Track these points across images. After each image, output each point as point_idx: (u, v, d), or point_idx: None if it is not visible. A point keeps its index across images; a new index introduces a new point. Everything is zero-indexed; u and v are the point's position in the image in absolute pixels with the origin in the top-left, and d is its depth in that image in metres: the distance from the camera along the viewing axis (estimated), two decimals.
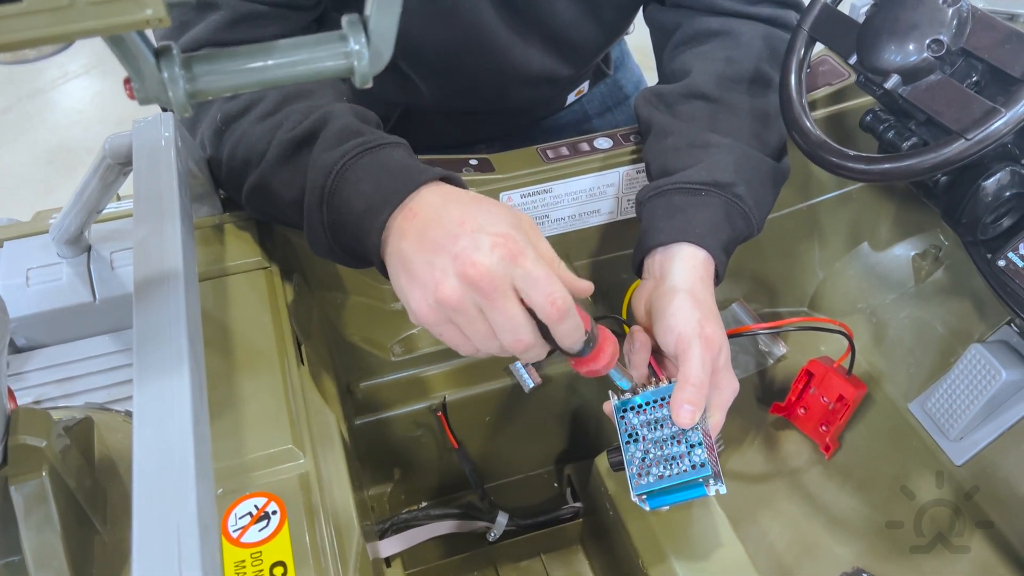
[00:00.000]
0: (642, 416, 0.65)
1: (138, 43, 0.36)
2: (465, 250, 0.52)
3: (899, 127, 0.72)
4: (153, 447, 0.37)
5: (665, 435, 0.64)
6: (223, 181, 0.71)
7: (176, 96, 0.37)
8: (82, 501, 0.58)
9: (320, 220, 0.62)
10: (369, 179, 0.59)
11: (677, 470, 0.62)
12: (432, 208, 0.56)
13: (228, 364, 0.62)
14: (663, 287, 0.68)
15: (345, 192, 0.60)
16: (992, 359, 0.87)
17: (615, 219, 0.94)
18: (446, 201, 0.56)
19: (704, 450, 0.62)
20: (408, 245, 0.55)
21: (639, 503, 0.64)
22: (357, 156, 0.60)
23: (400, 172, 0.59)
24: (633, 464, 0.64)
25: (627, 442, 0.65)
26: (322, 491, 0.56)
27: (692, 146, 0.76)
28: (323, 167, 0.60)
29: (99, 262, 0.73)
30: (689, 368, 0.62)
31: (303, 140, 0.63)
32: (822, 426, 0.94)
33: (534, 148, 0.91)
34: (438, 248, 0.53)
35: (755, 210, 0.74)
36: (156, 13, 0.33)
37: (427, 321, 0.55)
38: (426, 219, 0.55)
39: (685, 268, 0.69)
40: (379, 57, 0.39)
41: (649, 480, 0.63)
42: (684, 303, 0.65)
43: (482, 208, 0.55)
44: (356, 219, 0.59)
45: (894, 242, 1.03)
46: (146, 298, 0.43)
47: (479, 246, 0.52)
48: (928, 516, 0.89)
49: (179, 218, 0.48)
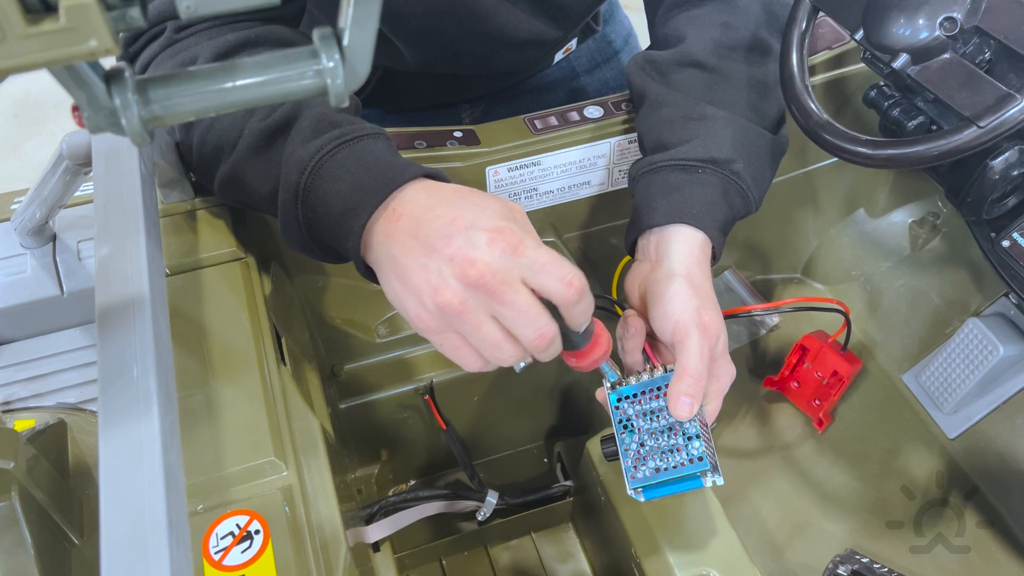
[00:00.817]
0: (637, 406, 0.63)
1: (84, 67, 0.32)
2: (461, 249, 0.48)
3: (905, 104, 0.68)
4: (121, 508, 0.34)
5: (661, 425, 0.62)
6: (194, 168, 0.67)
7: (130, 124, 0.34)
8: (56, 515, 0.56)
9: (295, 218, 0.58)
10: (346, 177, 0.55)
11: (674, 463, 0.61)
12: (417, 207, 0.52)
13: (204, 368, 0.59)
14: (659, 271, 0.65)
15: (321, 190, 0.56)
16: (990, 334, 0.86)
17: (606, 190, 0.91)
18: (431, 198, 0.52)
19: (702, 443, 0.60)
20: (398, 249, 0.51)
21: (634, 495, 0.63)
22: (333, 151, 0.56)
23: (380, 169, 0.55)
24: (628, 456, 0.63)
25: (622, 432, 0.63)
26: (307, 506, 0.54)
27: (688, 119, 0.72)
28: (297, 163, 0.57)
29: (65, 252, 0.69)
30: (687, 359, 0.60)
31: (277, 129, 0.59)
32: (815, 400, 0.92)
33: (521, 118, 0.87)
34: (430, 250, 0.49)
35: (753, 187, 0.71)
36: (102, 44, 0.29)
37: (427, 328, 0.51)
38: (413, 219, 0.52)
39: (682, 251, 0.66)
40: (355, 75, 0.35)
41: (646, 473, 0.62)
42: (681, 289, 0.63)
43: (471, 202, 0.51)
44: (334, 220, 0.55)
45: (891, 209, 1.00)
46: (109, 330, 0.40)
47: (475, 243, 0.48)
48: (920, 492, 0.88)
49: (143, 232, 0.45)
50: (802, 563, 0.83)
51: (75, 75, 0.32)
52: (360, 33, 0.34)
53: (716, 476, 0.61)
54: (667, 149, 0.71)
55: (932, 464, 0.90)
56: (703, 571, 0.67)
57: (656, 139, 0.74)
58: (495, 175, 0.85)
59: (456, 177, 0.84)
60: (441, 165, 0.83)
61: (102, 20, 0.29)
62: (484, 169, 0.84)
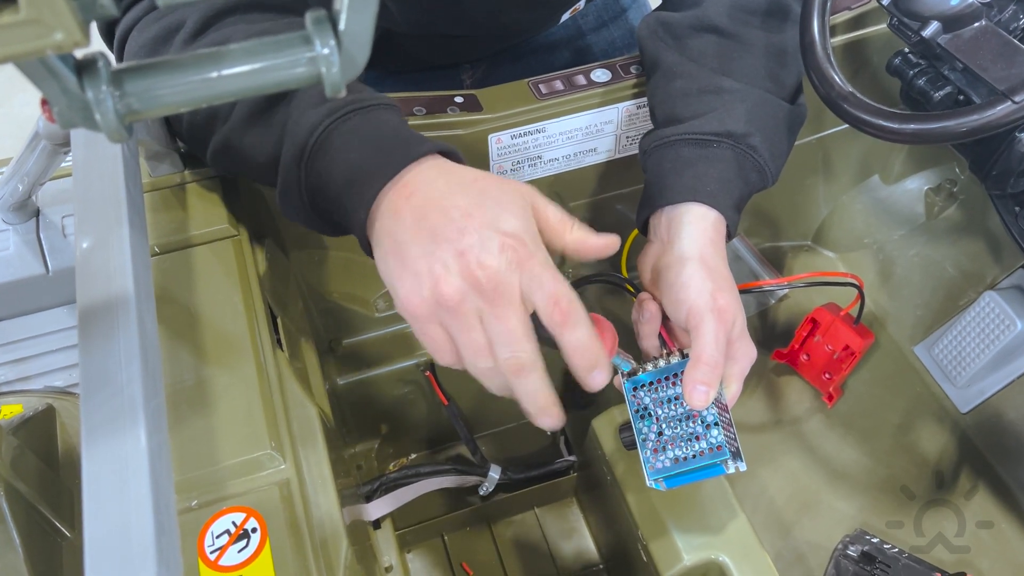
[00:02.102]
0: (654, 394, 0.61)
1: (52, 58, 0.29)
2: (472, 248, 0.46)
3: (932, 73, 0.65)
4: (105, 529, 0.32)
5: (679, 413, 0.60)
6: (185, 138, 0.64)
7: (105, 120, 0.31)
8: (44, 509, 0.54)
9: (297, 181, 0.54)
10: (357, 145, 0.52)
11: (693, 452, 0.59)
12: (432, 188, 0.49)
13: (196, 356, 0.56)
14: (672, 253, 0.63)
15: (330, 155, 0.52)
16: (1008, 308, 0.83)
17: (613, 158, 0.88)
18: (449, 183, 0.50)
19: (720, 430, 0.58)
20: (403, 229, 0.49)
21: (656, 486, 0.61)
22: (345, 116, 0.53)
23: (394, 141, 0.52)
24: (647, 447, 0.61)
25: (639, 422, 0.61)
26: (305, 500, 0.52)
27: (703, 91, 0.69)
28: (307, 125, 0.53)
29: (50, 229, 0.66)
30: (702, 346, 0.57)
31: (277, 95, 0.56)
32: (825, 374, 0.90)
33: (525, 82, 0.83)
34: (440, 239, 0.47)
35: (770, 162, 0.68)
36: (69, 37, 0.26)
37: (415, 314, 0.49)
38: (425, 199, 0.49)
39: (695, 231, 0.63)
40: (352, 63, 0.32)
41: (664, 464, 0.60)
42: (695, 273, 0.60)
43: (490, 197, 0.49)
44: (339, 189, 0.52)
45: (907, 175, 0.97)
46: (91, 332, 0.38)
47: (488, 247, 0.46)
48: (931, 468, 0.87)
49: (127, 224, 0.42)
50: (810, 541, 0.81)
51: (43, 66, 0.29)
52: (357, 17, 0.31)
53: (739, 463, 0.59)
54: (680, 122, 0.68)
55: (944, 439, 0.88)
56: (712, 555, 0.66)
57: (669, 111, 0.70)
58: (498, 142, 0.82)
59: (457, 144, 0.80)
60: (442, 132, 0.79)
61: (67, 10, 0.25)
62: (487, 136, 0.81)
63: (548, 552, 0.85)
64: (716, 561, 0.66)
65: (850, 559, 0.72)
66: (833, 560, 0.72)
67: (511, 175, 0.85)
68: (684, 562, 0.65)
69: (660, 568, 0.66)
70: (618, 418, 0.74)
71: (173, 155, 0.66)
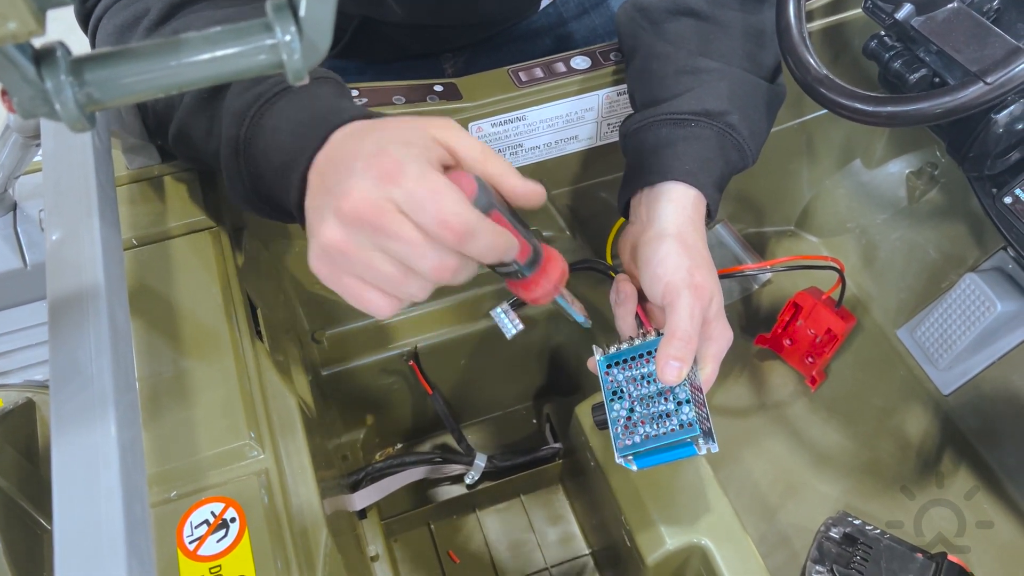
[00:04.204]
0: (628, 371, 0.61)
1: (9, 48, 0.29)
2: (339, 184, 0.43)
3: (907, 56, 0.65)
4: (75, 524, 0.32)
5: (652, 391, 0.59)
6: (150, 127, 0.64)
7: (65, 109, 0.30)
8: (24, 503, 0.54)
9: (239, 174, 0.53)
10: (285, 127, 0.50)
11: (664, 429, 0.58)
12: (334, 149, 0.47)
13: (174, 348, 0.56)
14: (650, 232, 0.63)
15: (262, 142, 0.51)
16: (987, 290, 0.84)
17: (594, 145, 0.88)
18: (348, 136, 0.47)
19: (692, 407, 0.58)
20: (309, 196, 0.47)
21: (624, 464, 0.61)
22: (273, 99, 0.51)
23: (319, 114, 0.49)
24: (618, 424, 0.60)
25: (611, 399, 0.61)
26: (284, 490, 0.52)
27: (681, 72, 0.69)
28: (236, 114, 0.52)
29: (27, 223, 0.66)
30: (676, 321, 0.57)
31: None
32: (808, 358, 0.91)
33: (505, 70, 0.83)
34: (325, 191, 0.45)
35: (749, 140, 0.67)
36: (24, 25, 0.26)
37: (322, 276, 0.46)
38: (327, 162, 0.47)
39: (675, 210, 0.63)
40: (314, 50, 0.32)
41: (635, 440, 0.59)
42: (672, 250, 0.60)
43: (378, 131, 0.46)
44: (274, 174, 0.50)
45: (888, 159, 0.97)
46: (61, 325, 0.37)
47: (352, 172, 0.43)
48: (914, 450, 0.87)
49: (97, 215, 0.42)
50: (795, 524, 0.82)
51: (1, 56, 0.29)
52: (318, 3, 0.31)
53: (711, 443, 0.58)
54: (658, 103, 0.68)
55: (927, 421, 0.89)
56: (694, 539, 0.66)
57: (648, 94, 0.70)
58: (478, 131, 0.82)
59: None
60: None
61: None
62: (467, 125, 0.81)
63: (534, 539, 0.85)
64: (699, 545, 0.66)
65: (832, 540, 0.73)
66: (816, 542, 0.73)
67: None
68: (667, 546, 0.66)
69: (643, 553, 0.66)
70: None
71: (150, 147, 0.66)
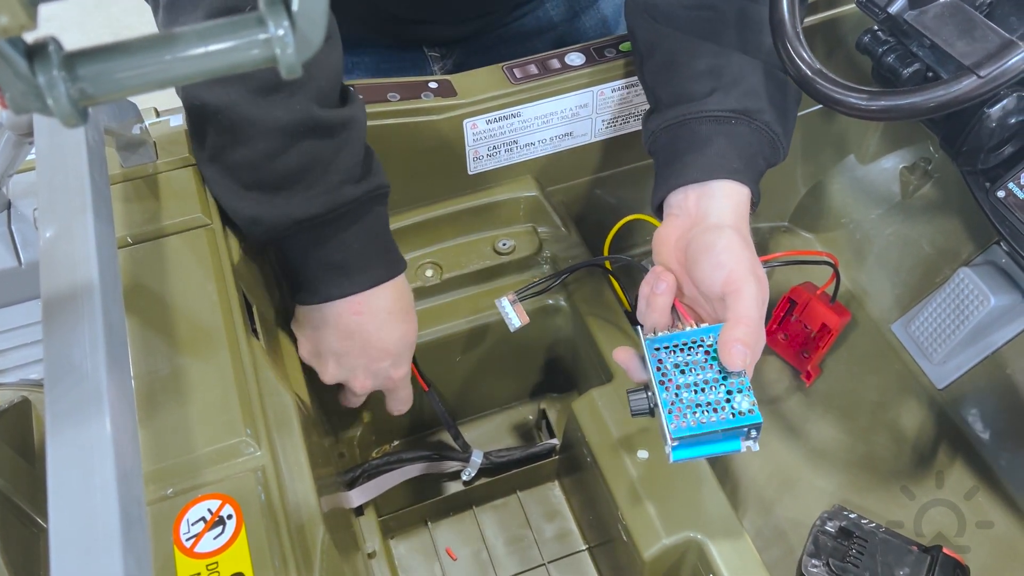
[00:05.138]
0: (675, 357, 0.59)
1: (1, 43, 0.29)
2: (370, 370, 0.74)
3: (901, 51, 0.65)
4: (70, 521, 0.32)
5: (698, 379, 0.57)
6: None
7: (58, 104, 0.30)
8: (20, 501, 0.54)
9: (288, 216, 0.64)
10: (356, 246, 0.68)
11: (716, 417, 0.56)
12: (372, 321, 0.70)
13: (170, 345, 0.56)
14: (706, 223, 0.62)
15: (341, 233, 0.67)
16: (981, 284, 0.84)
17: (589, 142, 0.88)
18: (383, 322, 0.71)
19: (751, 396, 0.56)
20: (346, 336, 0.70)
21: (670, 449, 0.57)
22: (366, 204, 0.67)
23: (373, 255, 0.69)
24: (669, 407, 0.57)
25: (660, 382, 0.58)
26: (281, 487, 0.52)
27: (711, 68, 0.67)
28: (343, 198, 0.65)
29: (21, 221, 0.66)
30: (743, 307, 0.56)
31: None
32: (803, 353, 0.91)
33: (500, 67, 0.83)
34: (360, 355, 0.72)
35: (783, 137, 0.67)
36: (15, 19, 0.26)
37: (326, 379, 0.73)
38: (363, 328, 0.70)
39: (728, 206, 0.63)
40: (307, 44, 0.32)
41: (688, 424, 0.56)
42: (735, 240, 0.59)
43: (398, 343, 0.73)
44: (317, 266, 0.67)
45: (882, 154, 0.98)
46: (55, 322, 0.37)
47: (377, 368, 0.74)
48: (909, 444, 0.88)
49: (91, 212, 0.42)
50: (790, 519, 0.82)
51: None
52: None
53: (757, 438, 0.57)
54: (691, 101, 0.67)
55: (921, 415, 0.89)
56: (690, 534, 0.66)
57: (677, 90, 0.68)
58: (473, 127, 0.82)
59: (432, 130, 0.81)
60: (417, 119, 0.79)
61: None
62: (462, 122, 0.81)
63: (531, 535, 0.85)
64: (695, 540, 0.66)
65: (828, 534, 0.73)
66: (812, 536, 0.73)
67: (487, 161, 0.85)
68: (663, 541, 0.66)
69: (640, 547, 0.67)
70: (597, 400, 0.75)
71: (146, 145, 0.66)
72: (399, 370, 0.74)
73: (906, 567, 0.71)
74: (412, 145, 0.80)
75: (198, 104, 0.62)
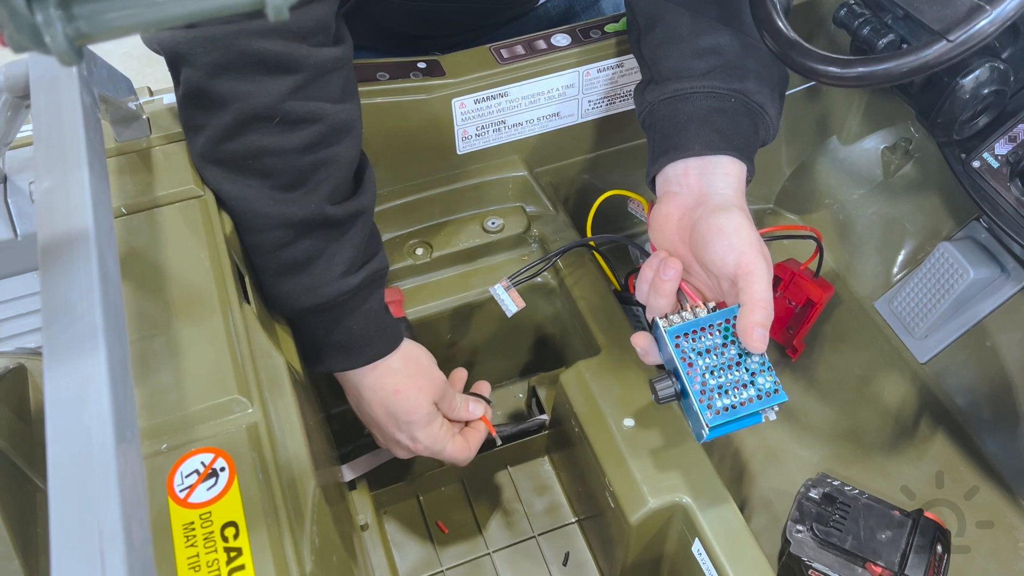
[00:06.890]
0: (694, 343, 0.60)
1: None
2: (412, 439, 0.75)
3: (875, 23, 0.67)
4: (67, 449, 0.33)
5: (719, 362, 0.59)
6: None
7: (55, 42, 0.32)
8: (18, 461, 0.55)
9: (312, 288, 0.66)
10: (361, 323, 0.70)
11: (743, 399, 0.59)
12: (393, 383, 0.73)
13: (164, 310, 0.58)
14: (711, 202, 0.62)
15: (357, 313, 0.69)
16: (960, 257, 0.86)
17: (575, 122, 0.89)
18: (405, 387, 0.73)
19: (773, 373, 0.59)
20: (378, 408, 0.74)
21: (704, 435, 0.60)
22: (367, 290, 0.70)
23: (381, 332, 0.71)
24: (697, 394, 0.59)
25: (687, 371, 0.60)
26: (273, 442, 0.53)
27: (712, 45, 0.69)
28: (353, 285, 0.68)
29: (17, 194, 0.67)
30: (758, 289, 0.58)
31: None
32: (788, 329, 0.92)
33: (487, 47, 0.85)
34: (399, 426, 0.74)
35: (774, 119, 0.69)
36: None
37: (382, 443, 0.79)
38: (388, 396, 0.73)
39: (730, 183, 0.64)
40: None
41: (720, 412, 0.59)
42: (743, 222, 0.60)
43: (425, 404, 0.74)
44: (335, 343, 0.70)
45: (864, 135, 0.99)
46: (52, 266, 0.39)
47: (419, 434, 0.75)
48: (892, 417, 0.89)
49: (86, 165, 0.43)
50: (776, 488, 0.84)
51: None
52: None
53: (772, 411, 0.60)
54: (693, 76, 0.68)
55: (904, 389, 0.91)
56: (675, 497, 0.67)
57: (678, 65, 0.69)
58: (461, 107, 0.83)
59: (421, 110, 0.82)
60: (405, 98, 0.81)
61: None
62: (450, 101, 0.83)
63: (522, 508, 0.86)
64: (680, 504, 0.67)
65: (812, 501, 0.74)
66: (796, 502, 0.74)
67: (476, 140, 0.87)
68: (649, 505, 0.67)
69: (627, 512, 0.68)
70: (584, 372, 0.76)
71: (140, 120, 0.67)
72: (417, 443, 0.75)
73: (888, 530, 0.72)
74: (401, 124, 0.82)
75: (212, 188, 0.65)
